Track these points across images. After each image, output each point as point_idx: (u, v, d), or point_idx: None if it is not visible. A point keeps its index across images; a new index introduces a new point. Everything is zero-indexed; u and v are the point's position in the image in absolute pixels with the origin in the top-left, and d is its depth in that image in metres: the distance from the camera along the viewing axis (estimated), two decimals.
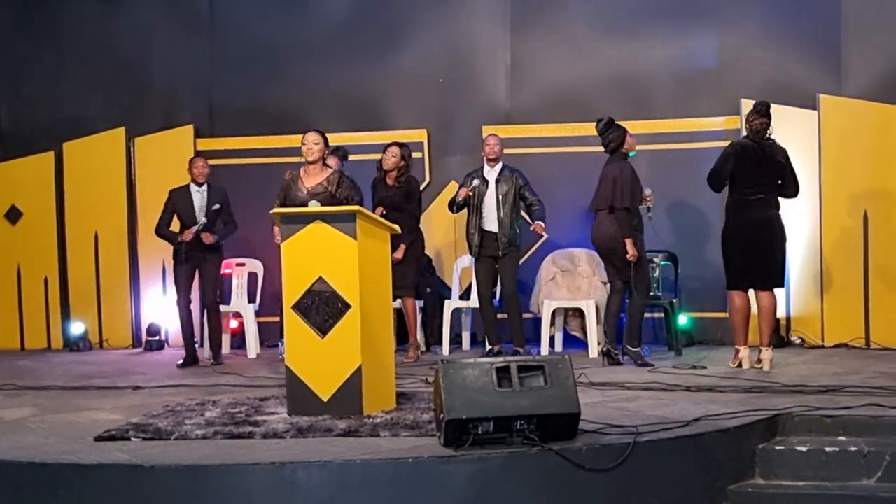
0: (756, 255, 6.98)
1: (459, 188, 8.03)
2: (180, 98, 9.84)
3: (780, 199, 7.07)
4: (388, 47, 9.46)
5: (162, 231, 8.27)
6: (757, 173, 6.97)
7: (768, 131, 7.03)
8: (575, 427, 4.56)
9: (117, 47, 9.90)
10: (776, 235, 7.04)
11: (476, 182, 7.88)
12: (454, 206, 8.06)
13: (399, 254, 7.72)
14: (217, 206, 8.14)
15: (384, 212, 7.68)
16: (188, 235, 7.99)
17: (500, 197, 7.85)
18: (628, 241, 7.23)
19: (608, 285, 7.76)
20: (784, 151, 7.05)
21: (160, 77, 9.86)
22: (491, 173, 7.95)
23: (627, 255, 7.24)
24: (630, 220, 7.30)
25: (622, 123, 8.04)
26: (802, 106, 8.54)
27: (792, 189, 7.10)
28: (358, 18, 9.55)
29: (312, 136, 6.45)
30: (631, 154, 7.49)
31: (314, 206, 5.84)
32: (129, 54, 9.88)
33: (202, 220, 8.04)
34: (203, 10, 9.87)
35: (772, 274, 7.04)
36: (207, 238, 8.03)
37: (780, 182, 7.04)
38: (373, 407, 5.31)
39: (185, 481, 4.32)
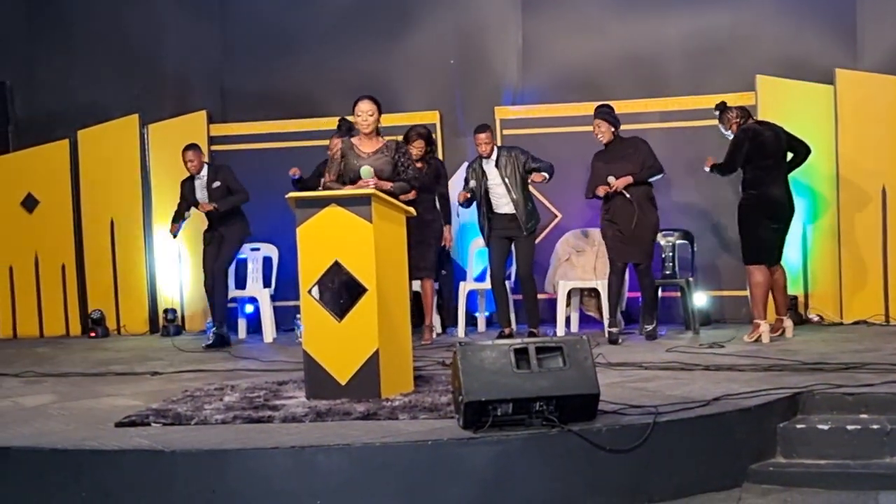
0: (776, 231, 7.35)
1: (464, 186, 8.01)
2: (193, 84, 9.81)
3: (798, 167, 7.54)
4: (399, 29, 9.42)
5: (174, 218, 8.54)
6: (771, 150, 7.29)
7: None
8: (594, 408, 4.56)
9: (129, 34, 9.88)
10: (792, 211, 7.40)
11: (472, 184, 7.86)
12: (461, 205, 8.04)
13: (448, 236, 8.29)
14: (218, 184, 8.28)
15: (416, 195, 7.73)
16: (205, 207, 8.28)
17: (507, 180, 7.79)
18: None
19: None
20: (780, 127, 7.45)
21: (172, 63, 9.84)
22: (488, 163, 7.88)
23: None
24: None
25: (634, 101, 8.01)
26: (819, 81, 8.46)
27: (804, 149, 7.51)
28: (368, 1, 9.51)
29: (367, 106, 6.09)
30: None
31: (367, 172, 5.93)
32: (141, 41, 9.86)
33: (212, 206, 8.25)
34: None
35: (782, 248, 7.50)
36: (205, 207, 8.25)
37: (790, 156, 7.44)
38: (391, 390, 5.32)
39: (206, 466, 4.35)
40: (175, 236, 8.60)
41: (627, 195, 7.50)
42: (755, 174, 7.25)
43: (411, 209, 5.78)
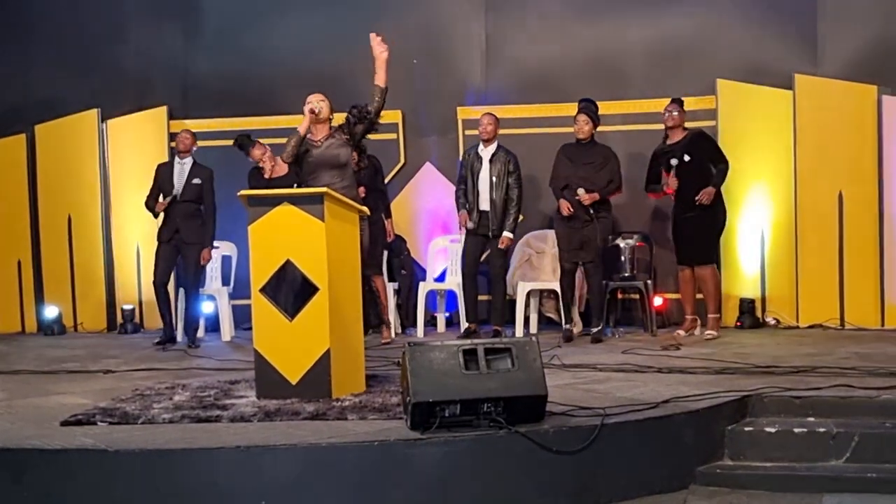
0: None
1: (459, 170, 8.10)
2: (154, 79, 9.74)
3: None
4: (363, 27, 9.30)
5: (148, 203, 8.27)
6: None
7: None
8: (542, 409, 4.54)
9: (90, 28, 9.78)
10: None
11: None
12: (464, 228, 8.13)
13: (390, 230, 8.34)
14: (198, 181, 8.11)
15: (364, 193, 7.76)
16: (160, 206, 8.03)
17: (493, 179, 7.84)
18: None
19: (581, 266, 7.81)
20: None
21: (133, 58, 9.75)
22: (485, 152, 7.94)
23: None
24: None
25: (598, 103, 8.04)
26: (778, 86, 8.53)
27: None
28: None
29: (319, 95, 6.44)
30: None
31: None
32: (102, 35, 9.77)
33: (177, 191, 8.02)
34: None
35: None
36: (160, 207, 8.04)
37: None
38: (342, 390, 5.28)
39: (150, 466, 4.28)
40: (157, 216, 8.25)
41: (589, 211, 7.54)
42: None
43: (365, 208, 5.76)
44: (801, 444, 4.85)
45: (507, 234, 7.86)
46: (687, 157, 7.57)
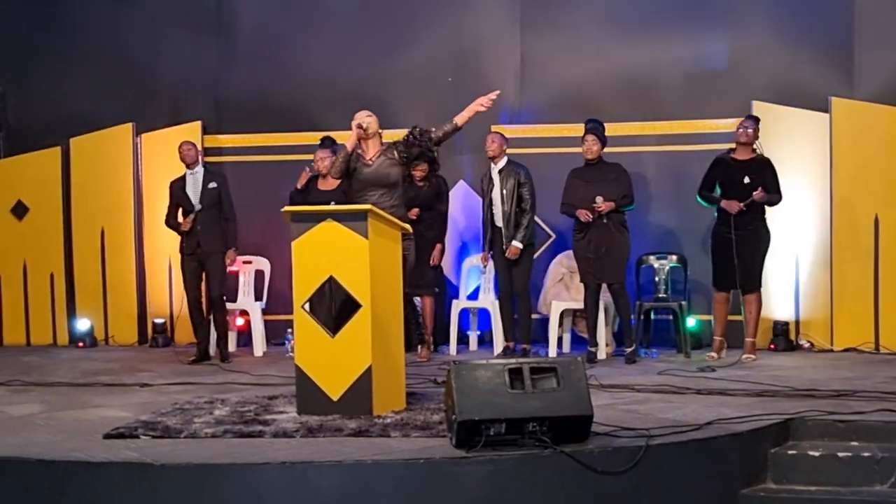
0: None
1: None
2: (188, 94, 9.77)
3: None
4: (397, 45, 9.43)
5: (168, 222, 8.29)
6: None
7: None
8: (587, 429, 4.54)
9: (126, 43, 9.84)
10: None
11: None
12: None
13: (437, 255, 8.20)
14: (214, 185, 8.10)
15: (418, 213, 7.80)
16: (186, 224, 8.03)
17: (504, 192, 7.88)
18: None
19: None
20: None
21: (168, 73, 9.80)
22: (495, 170, 8.00)
23: None
24: None
25: (630, 124, 8.01)
26: (814, 108, 8.48)
27: None
28: (366, 16, 9.50)
29: (366, 111, 6.26)
30: None
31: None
32: (138, 50, 9.82)
33: (197, 206, 8.03)
34: (211, 7, 9.80)
35: None
36: (186, 224, 8.01)
37: None
38: (383, 407, 5.29)
39: (195, 480, 4.31)
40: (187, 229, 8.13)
41: (605, 219, 7.55)
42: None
43: (407, 226, 5.77)
44: (845, 468, 4.84)
45: (515, 244, 7.84)
46: (747, 179, 7.53)
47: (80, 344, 9.35)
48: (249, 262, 9.05)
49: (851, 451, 4.88)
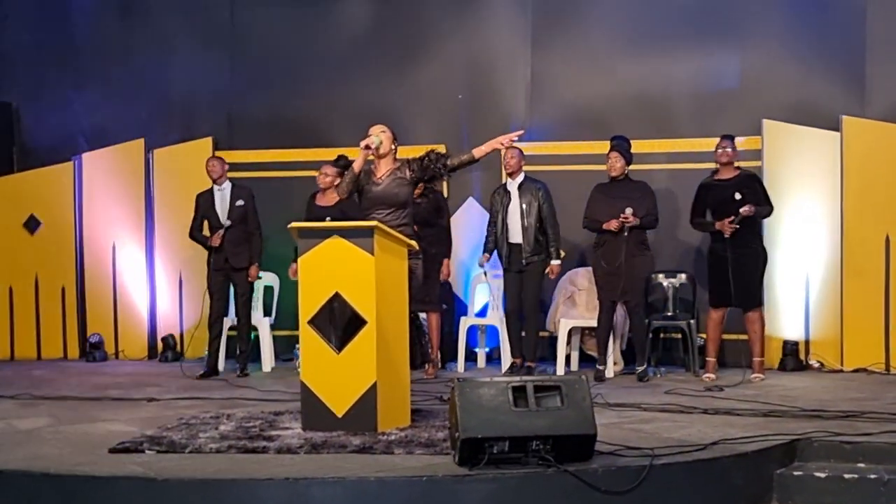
0: None
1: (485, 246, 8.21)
2: (200, 110, 9.83)
3: None
4: (408, 61, 9.46)
5: (194, 235, 8.34)
6: None
7: None
8: (591, 448, 4.53)
9: (138, 58, 9.92)
10: None
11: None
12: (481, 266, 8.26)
13: (445, 271, 8.17)
14: (241, 203, 8.17)
15: (416, 228, 7.78)
16: (216, 240, 8.07)
17: (524, 207, 7.87)
18: None
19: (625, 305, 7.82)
20: None
21: (180, 89, 9.87)
22: (512, 185, 7.99)
23: None
24: None
25: (641, 142, 8.00)
26: (825, 127, 8.47)
27: None
28: (378, 32, 9.55)
29: (381, 126, 6.16)
30: None
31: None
32: (150, 66, 9.90)
33: (226, 222, 8.09)
34: (223, 23, 9.88)
35: None
36: (215, 241, 8.06)
37: None
38: (387, 424, 5.29)
39: (199, 495, 4.31)
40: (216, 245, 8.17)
41: (626, 233, 7.53)
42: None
43: (413, 243, 5.77)
44: (851, 490, 4.81)
45: (554, 262, 7.85)
46: (738, 196, 7.52)
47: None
48: (259, 278, 9.04)
49: (858, 473, 4.85)
